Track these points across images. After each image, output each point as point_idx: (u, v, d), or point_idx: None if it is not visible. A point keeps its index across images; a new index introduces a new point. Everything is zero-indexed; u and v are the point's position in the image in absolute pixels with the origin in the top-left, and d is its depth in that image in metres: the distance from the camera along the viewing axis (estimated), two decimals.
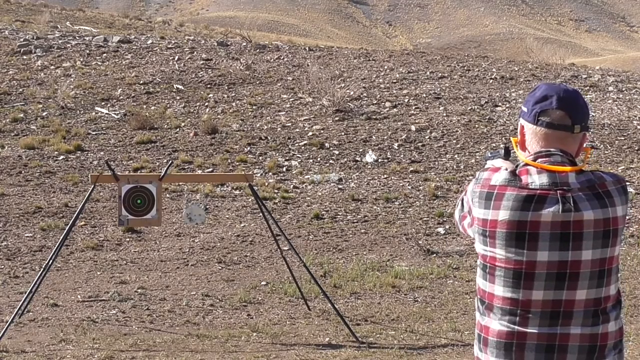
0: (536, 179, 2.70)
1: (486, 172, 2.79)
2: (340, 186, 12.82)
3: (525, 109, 2.80)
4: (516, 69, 19.47)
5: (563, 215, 2.66)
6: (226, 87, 17.57)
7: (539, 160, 2.73)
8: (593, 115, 15.53)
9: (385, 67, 19.01)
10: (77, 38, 21.88)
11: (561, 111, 2.74)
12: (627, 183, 11.72)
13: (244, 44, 21.85)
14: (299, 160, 13.91)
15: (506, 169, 2.77)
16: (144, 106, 16.42)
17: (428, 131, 15.12)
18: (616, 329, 2.76)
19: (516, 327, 2.71)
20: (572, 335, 2.69)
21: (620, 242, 2.77)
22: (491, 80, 18.20)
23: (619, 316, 2.78)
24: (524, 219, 2.67)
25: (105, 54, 19.96)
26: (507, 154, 3.20)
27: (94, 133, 14.90)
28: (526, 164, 2.75)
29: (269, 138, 14.76)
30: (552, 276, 2.68)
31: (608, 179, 2.73)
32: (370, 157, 13.97)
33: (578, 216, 2.66)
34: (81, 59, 19.41)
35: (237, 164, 13.61)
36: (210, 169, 13.31)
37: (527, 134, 2.80)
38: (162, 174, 7.55)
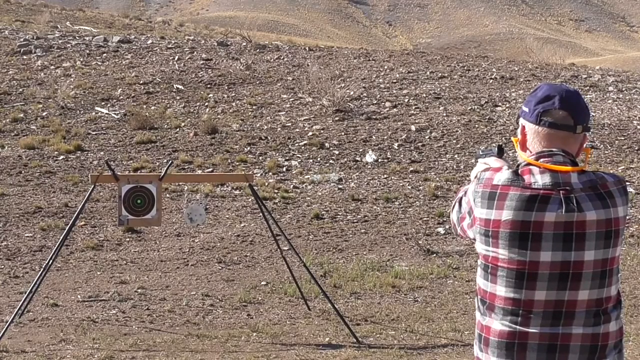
0: (539, 179, 2.70)
1: (488, 172, 2.79)
2: (340, 186, 12.82)
3: (526, 109, 2.80)
4: (516, 69, 19.47)
5: (566, 215, 2.66)
6: (226, 87, 17.57)
7: (541, 160, 2.73)
8: (593, 115, 15.53)
9: (385, 67, 19.01)
10: (77, 38, 21.88)
11: (564, 111, 2.74)
12: (627, 183, 11.69)
13: (244, 44, 21.85)
14: (299, 160, 13.90)
15: (508, 169, 2.77)
16: (144, 106, 16.42)
17: (428, 131, 15.12)
18: (617, 329, 2.77)
19: (518, 327, 2.71)
20: (573, 335, 2.69)
21: (621, 243, 2.78)
22: (491, 80, 18.20)
23: (619, 316, 2.79)
24: (527, 219, 2.67)
25: (105, 54, 19.96)
26: (501, 152, 3.18)
27: (94, 133, 14.90)
28: (528, 164, 2.75)
29: (269, 138, 14.76)
30: (555, 276, 2.68)
31: (609, 180, 2.74)
32: (370, 157, 13.96)
33: (581, 217, 2.67)
34: (81, 59, 19.41)
35: (237, 164, 13.61)
36: (210, 169, 13.30)
37: (528, 134, 2.80)
38: (162, 174, 7.55)
